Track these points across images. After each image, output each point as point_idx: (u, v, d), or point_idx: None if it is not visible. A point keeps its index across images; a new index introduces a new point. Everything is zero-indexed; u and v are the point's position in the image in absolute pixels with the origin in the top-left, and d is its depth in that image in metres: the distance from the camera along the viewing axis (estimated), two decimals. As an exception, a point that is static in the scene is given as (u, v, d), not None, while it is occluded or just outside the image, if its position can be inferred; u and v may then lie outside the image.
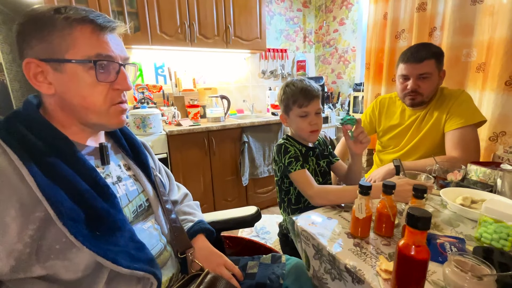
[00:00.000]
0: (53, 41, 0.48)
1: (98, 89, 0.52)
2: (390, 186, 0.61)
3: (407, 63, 1.10)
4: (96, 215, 0.48)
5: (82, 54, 0.49)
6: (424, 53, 1.07)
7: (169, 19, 1.92)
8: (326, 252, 0.60)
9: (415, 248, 0.43)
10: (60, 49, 0.48)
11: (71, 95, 0.51)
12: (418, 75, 1.08)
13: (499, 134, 1.42)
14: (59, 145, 0.50)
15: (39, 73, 0.49)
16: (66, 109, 0.52)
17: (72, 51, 0.48)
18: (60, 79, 0.49)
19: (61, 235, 0.44)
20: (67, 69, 0.49)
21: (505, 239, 0.57)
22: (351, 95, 2.45)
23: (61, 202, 0.45)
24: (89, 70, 0.50)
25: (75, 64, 0.49)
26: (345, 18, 2.60)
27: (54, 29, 0.48)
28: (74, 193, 0.47)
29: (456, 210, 0.74)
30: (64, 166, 0.48)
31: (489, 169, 0.89)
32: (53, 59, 0.48)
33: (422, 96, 1.11)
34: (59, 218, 0.43)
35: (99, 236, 0.48)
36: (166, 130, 1.80)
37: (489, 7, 1.42)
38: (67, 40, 0.48)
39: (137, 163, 0.67)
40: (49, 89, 0.50)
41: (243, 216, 0.82)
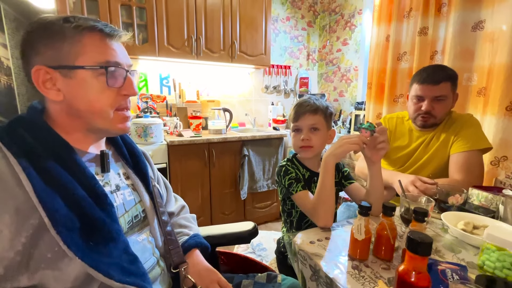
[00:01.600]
0: (63, 49, 0.49)
1: (106, 94, 0.53)
2: (390, 208, 0.60)
3: (423, 84, 1.08)
4: (91, 224, 0.47)
5: (92, 61, 0.51)
6: (441, 75, 1.06)
7: (176, 32, 1.98)
8: (323, 274, 0.58)
9: (415, 274, 0.41)
10: (70, 56, 0.50)
11: (79, 100, 0.52)
12: (434, 97, 1.07)
13: (500, 158, 1.41)
14: (59, 151, 0.50)
15: (47, 80, 0.50)
16: (73, 115, 0.53)
17: (81, 58, 0.50)
18: (70, 85, 0.51)
19: (54, 244, 0.43)
20: (77, 75, 0.51)
21: (508, 268, 0.55)
22: (352, 113, 2.47)
23: (57, 209, 0.44)
24: (98, 76, 0.52)
25: (85, 70, 0.51)
26: (348, 39, 2.67)
27: (64, 37, 0.49)
28: (71, 200, 0.46)
29: (458, 235, 0.72)
30: (63, 173, 0.48)
31: (491, 194, 0.88)
32: (63, 66, 0.50)
33: (435, 118, 1.10)
34: (53, 226, 0.43)
35: (92, 246, 0.47)
36: (167, 140, 1.81)
37: (489, 34, 1.45)
38: (77, 47, 0.50)
39: (136, 172, 0.67)
40: (58, 95, 0.51)
41: (240, 231, 0.80)
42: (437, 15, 1.67)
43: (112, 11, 1.77)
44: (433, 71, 1.09)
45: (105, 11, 1.75)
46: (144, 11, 1.88)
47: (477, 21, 1.50)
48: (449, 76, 1.07)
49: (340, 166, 0.99)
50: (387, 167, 1.33)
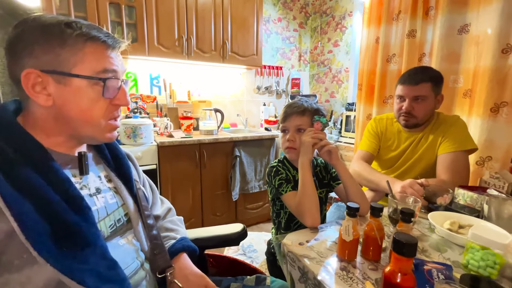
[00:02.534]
0: (61, 55, 0.48)
1: (99, 104, 0.53)
2: (377, 209, 0.61)
3: (404, 84, 1.12)
4: (65, 228, 0.45)
5: (90, 70, 0.50)
6: (421, 76, 1.09)
7: (167, 32, 1.95)
8: (311, 275, 0.58)
9: (401, 276, 0.41)
10: (68, 63, 0.49)
11: (71, 108, 0.51)
12: (414, 97, 1.10)
13: (485, 159, 1.44)
14: (32, 153, 0.48)
15: (37, 84, 0.48)
16: (60, 121, 0.52)
17: (80, 66, 0.50)
18: (63, 92, 0.50)
19: (23, 250, 0.41)
20: (72, 83, 0.50)
21: (492, 267, 0.56)
22: (343, 114, 2.49)
23: (26, 213, 0.42)
24: (93, 86, 0.51)
25: (81, 79, 0.50)
26: (339, 40, 2.69)
27: (65, 44, 0.48)
28: (42, 204, 0.44)
29: (444, 235, 0.73)
30: (34, 176, 0.45)
31: (476, 193, 0.89)
32: (58, 72, 0.48)
33: (416, 118, 1.12)
34: (22, 232, 0.40)
35: (66, 252, 0.44)
36: (157, 141, 1.78)
37: (474, 37, 1.49)
38: (77, 55, 0.49)
39: (119, 175, 0.65)
40: (47, 100, 0.49)
41: (228, 233, 0.79)
42: (424, 18, 1.70)
43: (100, 10, 1.73)
44: (414, 72, 1.12)
45: (93, 9, 1.72)
46: (133, 9, 1.85)
47: (463, 25, 1.54)
48: (430, 77, 1.09)
49: (328, 167, 1.00)
50: (378, 168, 1.34)
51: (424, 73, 1.11)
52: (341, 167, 0.86)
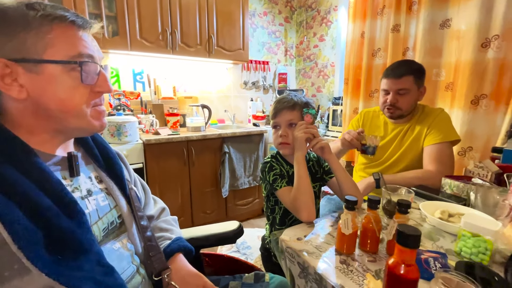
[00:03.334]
0: (27, 40, 0.43)
1: (79, 91, 0.49)
2: (374, 201, 0.61)
3: (388, 78, 1.16)
4: (58, 235, 0.42)
5: (63, 54, 0.46)
6: (403, 69, 1.13)
7: (150, 25, 1.87)
8: (312, 270, 0.57)
9: (405, 267, 0.42)
10: (36, 49, 0.44)
11: (48, 98, 0.46)
12: (397, 90, 1.14)
13: (466, 149, 1.51)
14: (18, 155, 0.44)
15: (7, 75, 0.44)
16: (41, 115, 0.47)
17: (50, 50, 0.45)
18: (36, 81, 0.45)
19: (14, 260, 0.37)
20: (45, 70, 0.45)
21: (483, 253, 0.58)
22: (330, 109, 2.52)
23: (17, 221, 0.38)
24: (70, 72, 0.47)
25: (54, 65, 0.45)
26: (324, 35, 2.71)
27: (29, 27, 0.43)
28: (33, 211, 0.41)
29: (435, 223, 0.75)
30: (23, 179, 0.42)
31: (462, 182, 0.93)
32: (27, 59, 0.44)
33: (400, 110, 1.16)
34: (14, 241, 0.37)
35: (61, 260, 0.42)
36: (143, 139, 1.72)
37: (455, 32, 1.54)
38: (44, 39, 0.44)
39: (111, 175, 0.62)
40: (21, 92, 0.45)
41: (224, 232, 0.78)
42: (408, 13, 1.74)
43: (77, 1, 1.63)
44: (397, 66, 1.16)
45: (69, 1, 1.61)
46: (113, 1, 1.76)
47: (444, 19, 1.59)
48: (412, 71, 1.12)
49: (321, 161, 1.00)
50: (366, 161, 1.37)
51: (406, 66, 1.14)
52: (334, 161, 0.87)
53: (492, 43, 1.37)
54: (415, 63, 1.18)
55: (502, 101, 1.39)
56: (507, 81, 1.36)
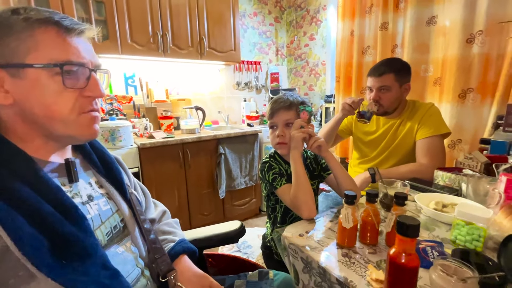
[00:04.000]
0: (10, 44, 0.43)
1: (64, 96, 0.47)
2: (373, 194, 0.63)
3: (370, 76, 1.22)
4: (62, 240, 0.42)
5: (47, 58, 0.44)
6: (383, 68, 1.18)
7: (140, 28, 1.86)
8: (316, 265, 0.59)
9: (405, 256, 0.44)
10: (18, 53, 0.43)
11: (33, 104, 0.45)
12: (378, 87, 1.18)
13: (456, 141, 1.56)
14: (15, 162, 0.44)
15: None
16: (28, 120, 0.47)
17: (33, 54, 0.44)
18: (20, 87, 0.44)
19: (19, 267, 0.37)
20: (28, 75, 0.44)
21: (477, 240, 0.61)
22: (323, 106, 2.55)
23: (20, 227, 0.38)
24: (54, 76, 0.45)
25: (37, 70, 0.44)
26: (315, 34, 2.74)
27: (11, 31, 0.43)
28: (35, 217, 0.41)
29: (430, 214, 0.78)
30: (22, 187, 0.42)
31: (454, 174, 0.96)
32: (10, 65, 0.43)
33: (383, 107, 1.20)
34: (18, 248, 0.37)
35: (66, 265, 0.42)
36: (137, 143, 1.71)
37: (441, 28, 1.59)
38: (27, 42, 0.43)
39: (110, 180, 0.62)
40: (6, 98, 0.44)
41: (227, 232, 0.79)
42: (395, 11, 1.78)
43: (65, 6, 1.61)
44: (379, 65, 1.21)
45: (57, 5, 1.59)
46: (102, 5, 1.73)
47: (430, 16, 1.63)
48: (392, 69, 1.17)
49: (318, 159, 1.02)
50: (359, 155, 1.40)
51: (387, 65, 1.18)
52: (331, 158, 0.89)
53: (477, 39, 1.42)
54: (398, 62, 1.21)
55: (488, 94, 1.44)
56: (492, 75, 1.41)
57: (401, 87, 1.18)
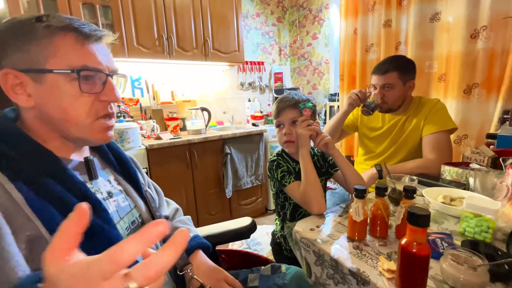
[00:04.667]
0: (31, 50, 0.45)
1: (81, 101, 0.49)
2: (382, 188, 0.65)
3: (374, 74, 1.24)
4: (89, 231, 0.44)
5: (65, 64, 0.46)
6: (387, 66, 1.19)
7: (146, 31, 1.89)
8: (328, 257, 0.61)
9: (416, 245, 0.45)
10: (39, 59, 0.45)
11: (51, 107, 0.48)
12: (382, 85, 1.20)
13: (462, 137, 1.56)
14: (43, 160, 0.46)
15: (17, 85, 0.46)
16: (46, 122, 0.49)
17: (53, 60, 0.46)
18: (40, 91, 0.47)
19: None
20: (48, 80, 0.46)
21: (486, 232, 0.62)
22: (327, 105, 2.56)
23: (53, 218, 0.41)
24: (71, 81, 0.47)
25: (56, 75, 0.46)
26: (317, 33, 2.75)
27: (34, 38, 0.45)
28: (64, 209, 0.43)
29: (439, 208, 0.79)
30: (51, 182, 0.44)
31: (461, 168, 0.97)
32: (32, 70, 0.46)
33: (387, 104, 1.22)
34: (51, 235, 0.40)
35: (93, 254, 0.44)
36: (145, 144, 1.74)
37: (445, 24, 1.59)
38: (47, 49, 0.46)
39: (127, 178, 0.64)
40: (28, 101, 0.47)
41: (239, 227, 0.81)
42: (398, 8, 1.79)
43: (73, 11, 1.65)
44: (382, 63, 1.22)
45: (65, 11, 1.63)
46: (108, 9, 1.77)
47: (434, 13, 1.64)
48: (396, 67, 1.18)
49: (325, 156, 1.03)
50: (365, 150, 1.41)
51: (390, 63, 1.20)
52: (338, 155, 0.90)
53: (481, 34, 1.42)
54: (402, 60, 1.22)
55: (493, 89, 1.44)
56: (497, 70, 1.41)
57: (405, 85, 1.19)
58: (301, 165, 0.85)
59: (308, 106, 0.89)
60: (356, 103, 1.26)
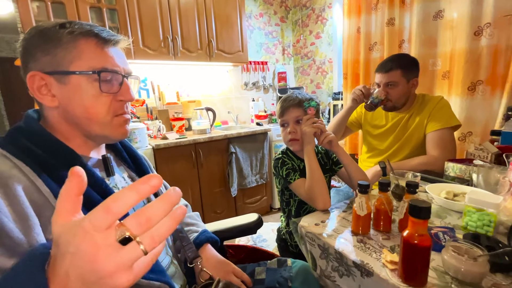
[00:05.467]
0: (57, 54, 0.49)
1: (101, 100, 0.53)
2: (385, 183, 0.66)
3: (378, 72, 1.25)
4: None
5: (87, 66, 0.50)
6: (391, 64, 1.20)
7: (152, 33, 1.93)
8: (332, 250, 0.63)
9: (418, 236, 0.47)
10: (64, 62, 0.49)
11: (74, 106, 0.51)
12: (386, 83, 1.21)
13: (466, 134, 1.56)
14: (65, 157, 0.50)
15: (43, 86, 0.50)
16: (70, 121, 0.53)
17: (76, 63, 0.50)
18: (64, 91, 0.50)
19: None
20: (71, 81, 0.50)
21: (488, 225, 0.64)
22: (330, 104, 2.57)
23: None
24: (93, 82, 0.51)
25: (79, 76, 0.50)
26: (320, 32, 2.76)
27: (59, 43, 0.49)
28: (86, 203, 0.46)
29: (442, 203, 0.80)
30: None
31: (464, 165, 0.98)
32: (57, 72, 0.49)
33: (391, 101, 1.23)
34: None
35: None
36: (152, 144, 1.77)
37: (448, 22, 1.59)
38: (72, 52, 0.49)
39: (140, 175, 0.67)
40: (53, 101, 0.50)
41: (246, 223, 0.83)
42: (401, 7, 1.79)
43: (81, 14, 1.69)
44: (386, 61, 1.23)
45: (73, 14, 1.67)
46: (115, 13, 1.81)
47: (437, 11, 1.64)
48: (399, 65, 1.18)
49: (329, 153, 1.05)
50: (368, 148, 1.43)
51: (394, 61, 1.20)
52: (342, 152, 0.92)
53: (485, 31, 1.42)
54: (406, 58, 1.23)
55: (497, 86, 1.44)
56: (501, 67, 1.41)
57: (408, 83, 1.20)
58: (306, 162, 0.87)
59: (312, 105, 0.92)
60: (360, 98, 1.28)
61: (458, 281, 0.49)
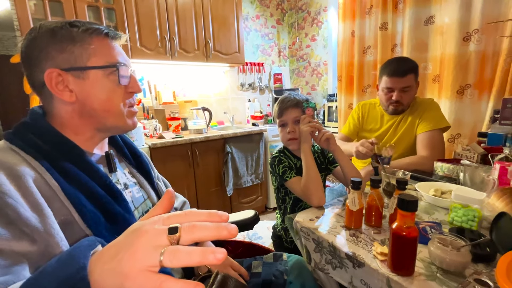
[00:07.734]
0: (74, 52, 0.51)
1: (117, 92, 0.56)
2: (377, 180, 0.70)
3: (392, 77, 1.21)
4: (113, 219, 0.50)
5: (104, 61, 0.53)
6: (406, 68, 1.19)
7: (149, 33, 1.94)
8: (326, 244, 0.65)
9: (406, 228, 0.50)
10: (82, 58, 0.52)
11: (93, 100, 0.53)
12: (402, 88, 1.21)
13: (455, 136, 1.62)
14: (71, 153, 0.51)
15: (60, 82, 0.51)
16: (85, 115, 0.54)
17: (94, 59, 0.52)
18: (82, 86, 0.52)
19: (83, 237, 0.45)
20: (90, 76, 0.52)
21: (472, 220, 0.67)
22: (325, 105, 2.62)
23: (84, 206, 0.46)
24: (109, 75, 0.54)
25: (96, 70, 0.53)
26: (316, 35, 2.81)
27: (74, 41, 0.51)
28: (92, 198, 0.48)
29: (430, 200, 0.84)
30: (80, 173, 0.49)
31: (452, 165, 1.03)
32: (75, 68, 0.51)
33: (403, 105, 1.25)
34: (83, 221, 0.45)
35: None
36: (148, 143, 1.78)
37: (439, 27, 1.65)
38: (87, 49, 0.52)
39: (140, 171, 0.69)
40: (71, 97, 0.52)
41: (244, 219, 0.86)
42: (394, 11, 1.85)
43: (79, 13, 1.69)
44: (398, 65, 1.22)
45: (71, 13, 1.67)
46: (113, 12, 1.82)
47: (428, 16, 1.70)
48: (412, 68, 1.21)
49: (325, 152, 1.08)
50: None
51: (407, 65, 1.21)
52: (339, 151, 0.94)
53: (473, 37, 1.48)
54: (413, 61, 1.24)
55: (485, 90, 1.50)
56: (488, 71, 1.48)
57: (417, 86, 1.24)
58: (303, 160, 0.90)
59: (311, 105, 0.95)
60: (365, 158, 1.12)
61: (443, 270, 0.52)
